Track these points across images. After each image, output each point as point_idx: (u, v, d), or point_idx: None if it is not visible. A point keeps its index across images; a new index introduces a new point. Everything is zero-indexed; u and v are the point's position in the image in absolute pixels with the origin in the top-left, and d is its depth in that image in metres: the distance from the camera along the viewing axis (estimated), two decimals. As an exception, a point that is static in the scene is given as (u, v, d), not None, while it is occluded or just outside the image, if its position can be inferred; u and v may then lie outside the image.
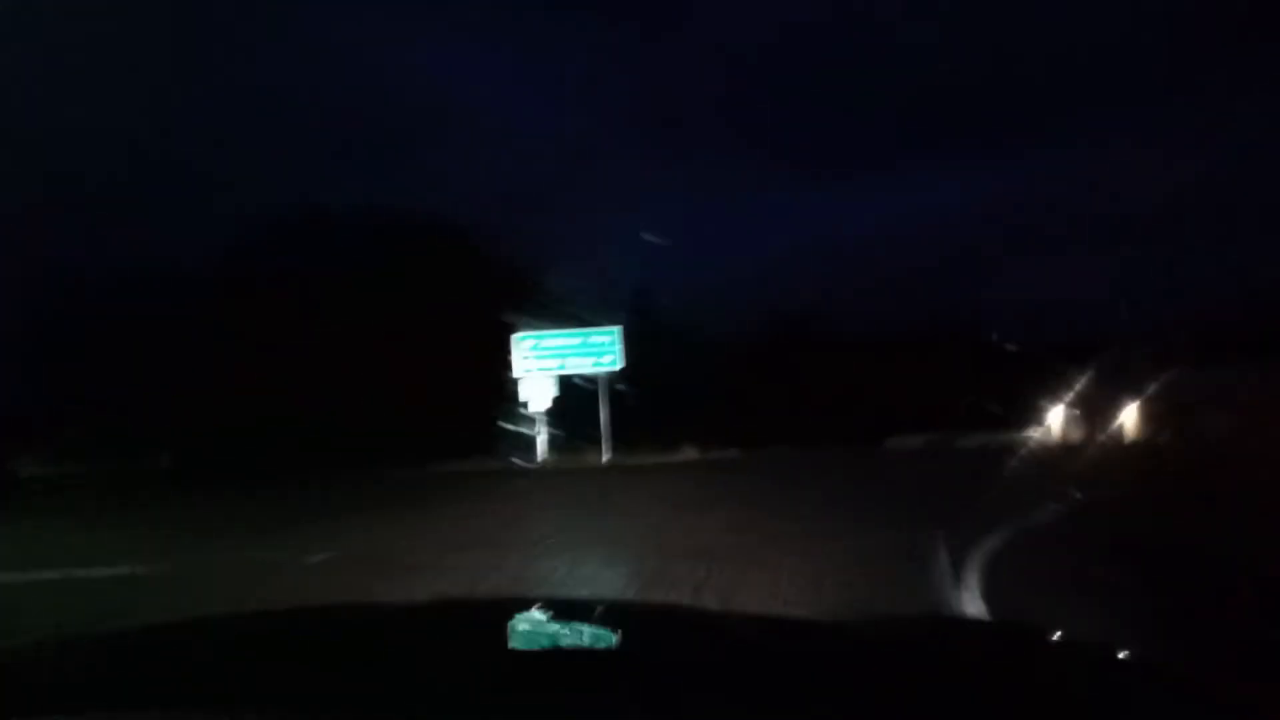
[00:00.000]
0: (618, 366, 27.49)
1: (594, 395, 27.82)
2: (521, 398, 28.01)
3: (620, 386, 27.75)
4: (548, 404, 27.73)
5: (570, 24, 75.26)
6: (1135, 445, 36.71)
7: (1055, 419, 43.28)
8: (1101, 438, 39.59)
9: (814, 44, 74.39)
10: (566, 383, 28.15)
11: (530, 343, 27.89)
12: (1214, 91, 67.99)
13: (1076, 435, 42.80)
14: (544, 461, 27.30)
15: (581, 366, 27.74)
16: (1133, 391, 39.20)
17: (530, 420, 28.01)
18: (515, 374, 28.05)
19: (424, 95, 70.32)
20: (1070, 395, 41.65)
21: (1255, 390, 33.39)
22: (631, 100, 71.39)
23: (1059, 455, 22.84)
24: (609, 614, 1.73)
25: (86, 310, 32.82)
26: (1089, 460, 20.11)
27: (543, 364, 27.84)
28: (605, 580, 6.93)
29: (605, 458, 27.17)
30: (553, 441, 28.04)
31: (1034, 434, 40.81)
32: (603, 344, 27.60)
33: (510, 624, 1.53)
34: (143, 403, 30.18)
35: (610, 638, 1.45)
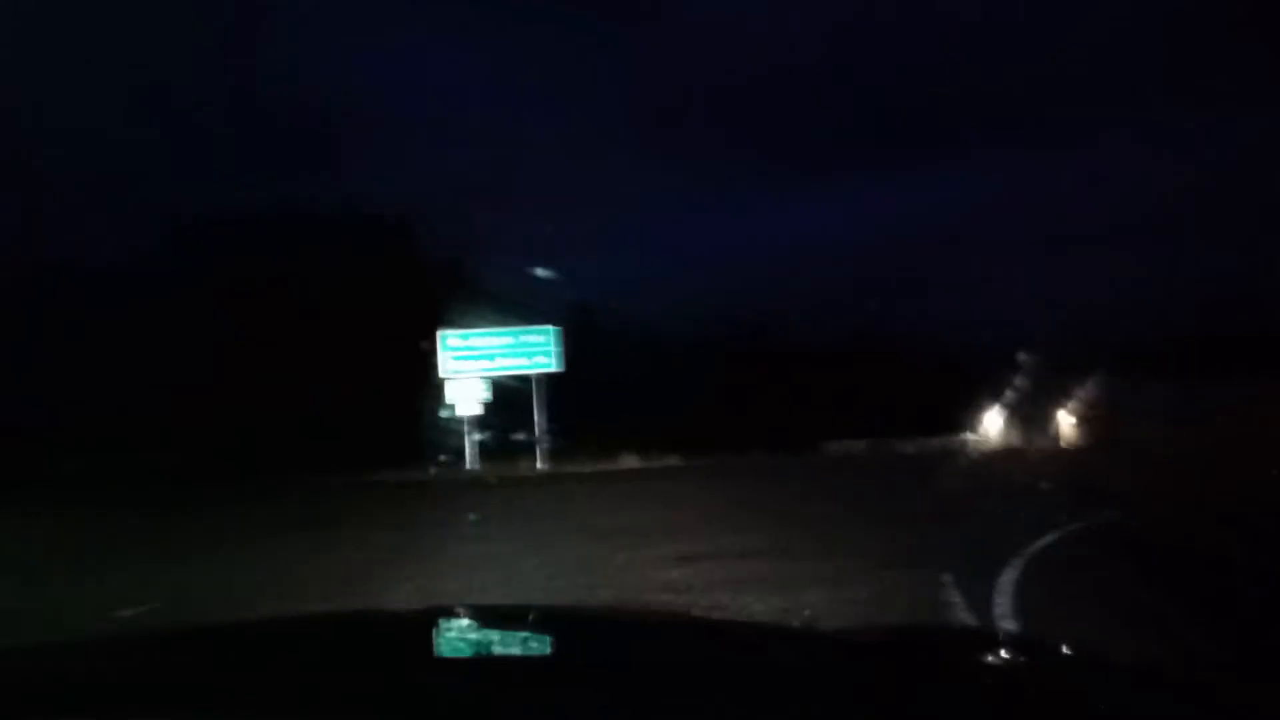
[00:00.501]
0: (555, 368, 25.51)
1: (529, 398, 25.80)
2: (448, 400, 25.86)
3: (555, 387, 25.78)
4: (477, 408, 25.60)
5: (519, 22, 73.49)
6: (1073, 451, 36.49)
7: (992, 424, 43.02)
8: (1040, 443, 39.40)
9: (768, 55, 73.92)
10: (500, 385, 26.07)
11: (457, 341, 25.75)
12: (1159, 103, 69.24)
13: (1014, 440, 42.66)
14: (472, 471, 25.16)
15: (515, 367, 25.70)
16: (1064, 398, 39.17)
17: (458, 425, 25.86)
18: (442, 374, 25.88)
19: (364, 93, 67.69)
20: (1006, 401, 41.44)
21: (1180, 401, 33.55)
22: (588, 102, 69.84)
23: (1014, 462, 21.75)
24: (611, 622, 1.79)
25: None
26: (1054, 469, 18.86)
27: (471, 364, 25.72)
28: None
29: (540, 466, 25.17)
30: (484, 448, 25.92)
31: (971, 438, 40.34)
32: (538, 343, 25.58)
33: (511, 631, 1.51)
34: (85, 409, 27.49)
35: (609, 645, 1.39)
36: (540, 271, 27.37)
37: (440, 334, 25.83)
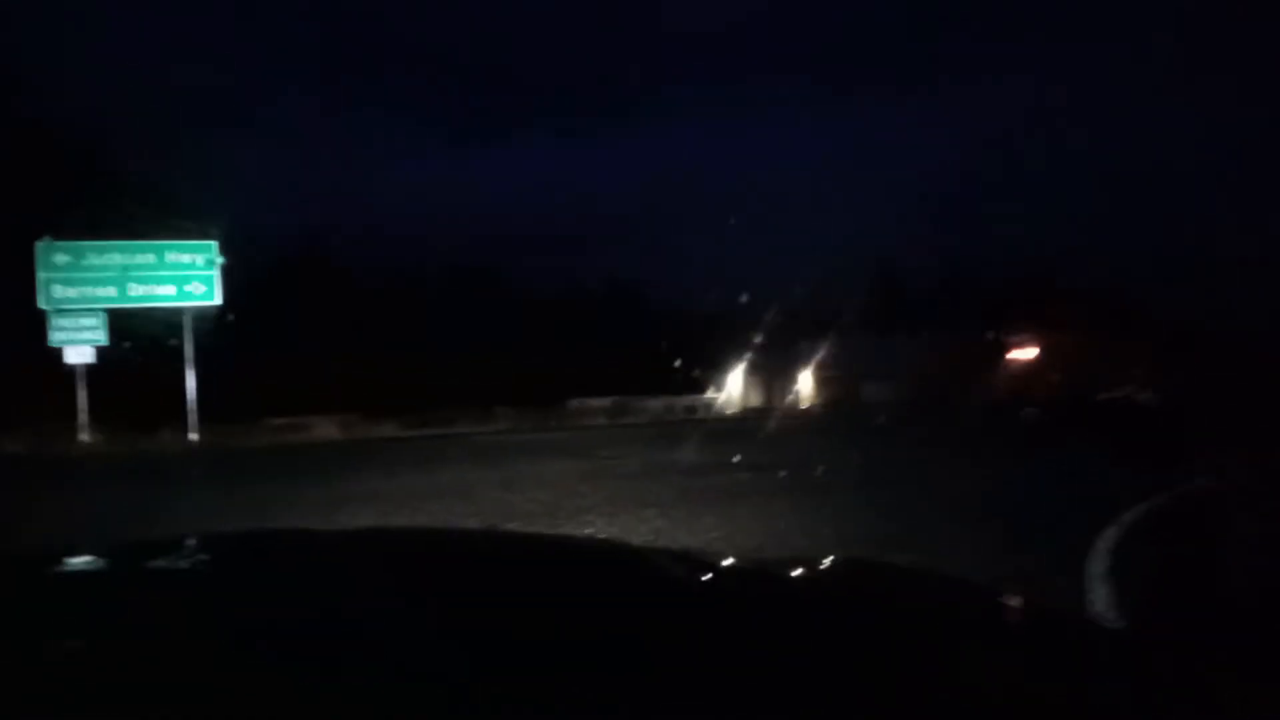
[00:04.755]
0: (214, 300, 18.36)
1: (177, 345, 18.49)
2: (53, 342, 18.00)
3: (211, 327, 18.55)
4: (89, 355, 17.89)
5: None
6: (815, 410, 35.84)
7: (735, 384, 41.68)
8: (783, 403, 38.61)
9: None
10: (136, 322, 18.51)
11: (64, 256, 17.82)
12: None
13: (756, 399, 41.66)
14: (88, 444, 17.59)
15: (157, 298, 18.25)
16: (803, 359, 39.04)
17: (69, 378, 18.07)
18: (43, 304, 17.91)
19: None
20: (746, 361, 40.33)
21: (910, 359, 34.82)
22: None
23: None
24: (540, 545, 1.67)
25: None
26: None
27: (88, 290, 17.95)
28: None
29: (192, 437, 18.09)
30: (105, 413, 18.29)
31: (715, 398, 38.57)
32: (190, 265, 18.27)
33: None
34: None
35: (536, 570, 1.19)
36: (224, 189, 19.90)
37: (40, 246, 17.82)
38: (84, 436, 17.89)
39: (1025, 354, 39.97)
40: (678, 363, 34.20)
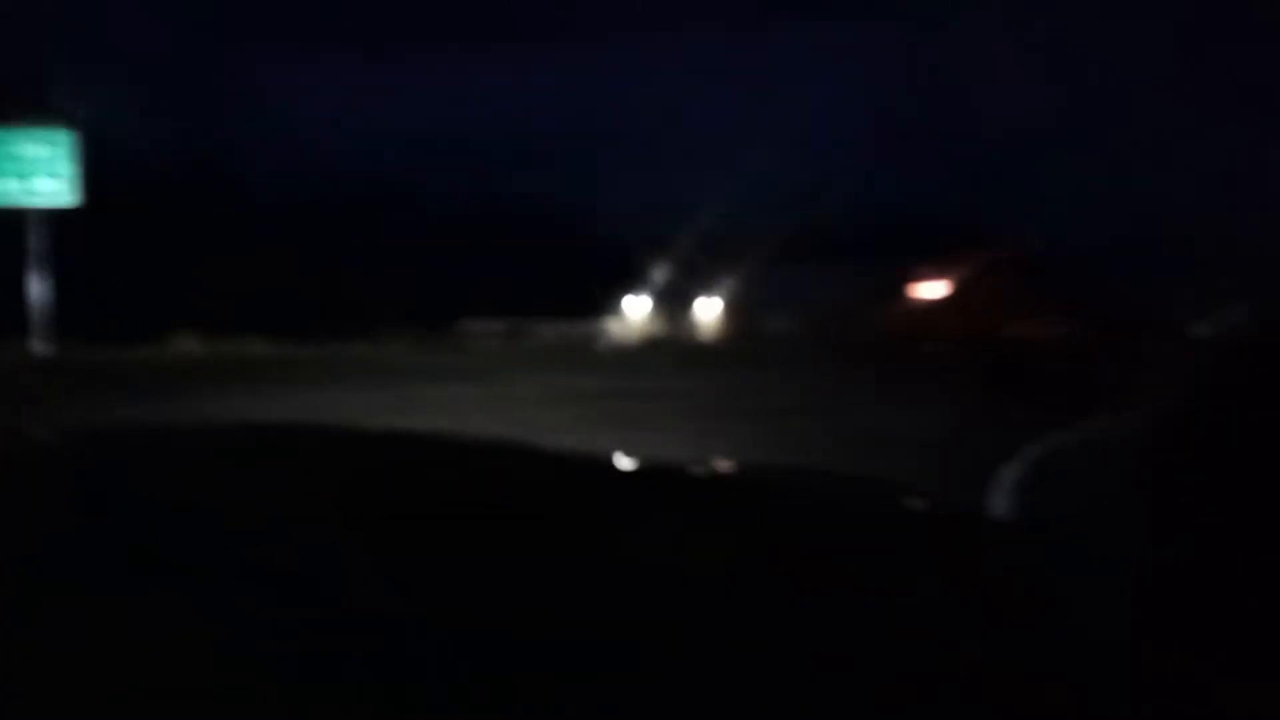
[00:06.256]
0: (70, 201, 16.56)
1: (18, 247, 16.71)
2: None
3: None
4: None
5: None
6: (721, 341, 35.78)
7: (635, 311, 41.05)
8: (684, 332, 38.34)
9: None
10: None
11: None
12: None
13: (657, 328, 41.21)
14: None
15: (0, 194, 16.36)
16: (707, 288, 38.61)
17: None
18: None
19: None
20: (649, 287, 39.82)
21: (817, 290, 34.89)
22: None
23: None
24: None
25: None
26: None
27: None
28: None
29: (37, 348, 16.52)
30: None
31: (613, 324, 38.04)
32: (41, 156, 16.39)
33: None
34: None
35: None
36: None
37: None
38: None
39: (934, 288, 40.44)
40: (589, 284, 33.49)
